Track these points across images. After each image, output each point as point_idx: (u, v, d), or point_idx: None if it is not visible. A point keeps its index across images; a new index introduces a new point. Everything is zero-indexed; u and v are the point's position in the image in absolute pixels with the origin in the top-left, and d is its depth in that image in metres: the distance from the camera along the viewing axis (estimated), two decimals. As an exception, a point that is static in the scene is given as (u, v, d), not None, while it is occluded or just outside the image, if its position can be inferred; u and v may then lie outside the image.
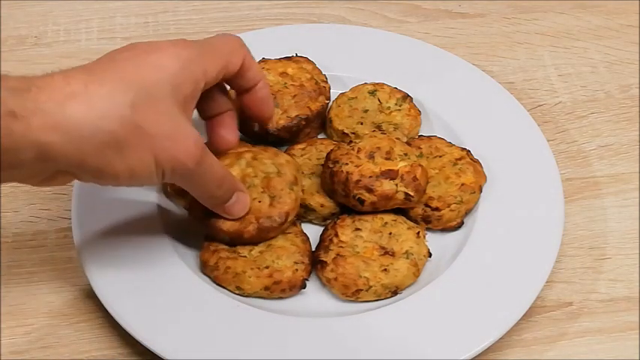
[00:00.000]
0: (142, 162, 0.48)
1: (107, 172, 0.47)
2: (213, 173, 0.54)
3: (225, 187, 0.56)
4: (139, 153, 0.47)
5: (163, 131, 0.48)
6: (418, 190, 0.64)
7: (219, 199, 0.57)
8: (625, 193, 0.71)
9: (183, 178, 0.52)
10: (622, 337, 0.62)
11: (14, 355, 0.60)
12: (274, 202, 0.60)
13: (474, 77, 0.76)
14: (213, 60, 0.53)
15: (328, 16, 0.86)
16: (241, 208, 0.58)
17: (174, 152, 0.49)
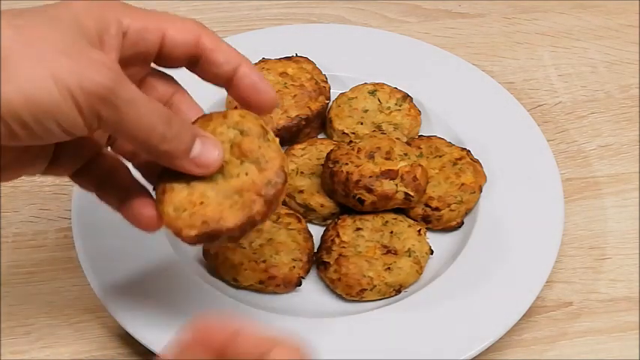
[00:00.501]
0: (35, 79, 0.38)
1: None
2: (152, 104, 0.43)
3: (177, 126, 0.44)
4: (28, 68, 0.38)
5: (60, 47, 0.40)
6: (418, 190, 0.64)
7: (176, 144, 0.44)
8: (625, 193, 0.71)
9: (109, 108, 0.40)
10: (622, 337, 0.62)
11: (14, 355, 0.60)
12: (261, 165, 0.47)
13: (473, 77, 0.76)
14: (135, 16, 0.45)
15: (328, 16, 0.86)
16: (213, 155, 0.46)
17: (78, 68, 0.39)
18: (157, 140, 0.43)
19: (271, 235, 0.63)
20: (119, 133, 0.42)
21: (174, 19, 0.47)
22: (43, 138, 0.40)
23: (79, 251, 0.61)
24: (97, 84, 0.39)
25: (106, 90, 0.40)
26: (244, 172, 0.47)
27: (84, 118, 0.40)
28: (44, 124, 0.39)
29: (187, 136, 0.45)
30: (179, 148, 0.44)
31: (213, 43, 0.47)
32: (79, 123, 0.40)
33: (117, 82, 0.40)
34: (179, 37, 0.46)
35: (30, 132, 0.39)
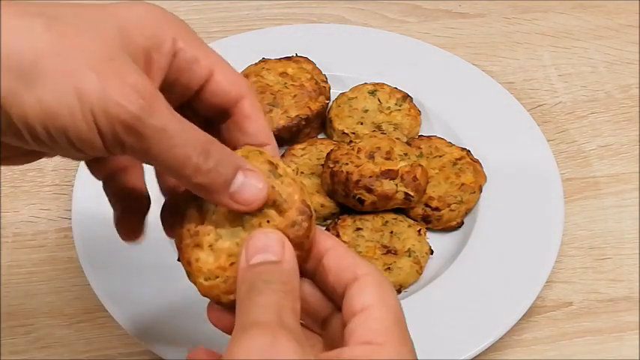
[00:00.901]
0: (56, 92, 0.35)
1: (13, 105, 0.35)
2: (186, 133, 0.38)
3: (216, 156, 0.38)
4: (52, 81, 0.35)
5: (93, 62, 0.36)
6: (418, 190, 0.64)
7: (213, 177, 0.39)
8: (625, 193, 0.71)
9: (135, 137, 0.36)
10: (622, 337, 0.62)
11: (14, 355, 0.60)
12: (280, 206, 0.41)
13: (473, 77, 0.76)
14: (191, 41, 0.41)
15: (328, 16, 0.86)
16: (254, 190, 0.40)
17: (106, 89, 0.35)
18: (190, 172, 0.38)
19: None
20: (147, 161, 0.38)
21: (225, 64, 0.42)
22: (53, 150, 0.37)
23: (79, 251, 0.61)
24: (123, 111, 0.35)
25: (133, 118, 0.36)
26: (265, 219, 0.41)
27: (105, 142, 0.36)
28: (57, 139, 0.36)
29: (228, 169, 0.39)
30: (216, 181, 0.39)
31: (252, 110, 0.43)
32: (97, 146, 0.36)
33: (147, 110, 0.36)
34: (225, 85, 0.42)
35: (39, 142, 0.36)
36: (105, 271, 0.60)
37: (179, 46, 0.40)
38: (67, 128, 0.35)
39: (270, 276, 0.37)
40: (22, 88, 0.35)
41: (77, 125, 0.35)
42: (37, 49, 0.35)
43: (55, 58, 0.35)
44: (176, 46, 0.40)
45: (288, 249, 0.39)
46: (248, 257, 0.38)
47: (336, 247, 0.41)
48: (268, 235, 0.39)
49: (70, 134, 0.35)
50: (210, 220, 0.41)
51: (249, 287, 0.37)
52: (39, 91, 0.35)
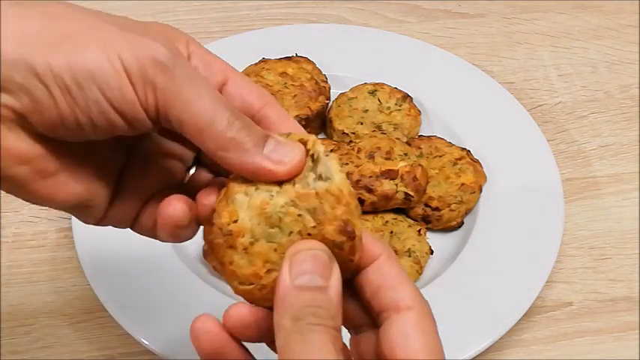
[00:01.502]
0: (81, 43, 0.35)
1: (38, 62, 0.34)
2: (215, 91, 0.37)
3: (244, 118, 0.37)
4: (76, 41, 0.35)
5: (118, 26, 0.36)
6: (418, 190, 0.64)
7: (246, 133, 0.36)
8: (625, 193, 0.71)
9: (166, 75, 0.35)
10: (622, 337, 0.62)
11: (14, 355, 0.60)
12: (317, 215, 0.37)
13: (473, 77, 0.76)
14: (203, 50, 0.41)
15: (328, 16, 0.86)
16: (291, 149, 0.37)
17: (133, 39, 0.35)
18: (224, 125, 0.36)
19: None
20: (180, 114, 0.36)
21: (240, 74, 0.41)
22: (93, 119, 0.35)
23: (79, 251, 0.61)
24: (152, 49, 0.35)
25: (163, 56, 0.35)
26: (305, 226, 0.37)
27: (136, 88, 0.35)
28: (87, 92, 0.35)
29: (260, 132, 0.37)
30: (250, 138, 0.36)
31: (280, 116, 0.40)
32: (129, 95, 0.35)
33: (176, 53, 0.36)
34: (243, 89, 0.40)
35: (76, 104, 0.35)
36: (105, 271, 0.60)
37: (192, 49, 0.40)
38: (95, 73, 0.34)
39: (319, 310, 0.35)
40: (48, 50, 0.35)
41: (104, 69, 0.35)
42: (66, 15, 0.36)
43: (82, 30, 0.36)
44: (190, 48, 0.40)
45: (335, 271, 0.36)
46: (292, 275, 0.36)
47: (383, 260, 0.38)
48: (316, 255, 0.36)
49: (100, 81, 0.35)
50: (244, 219, 0.37)
51: (296, 317, 0.35)
52: (64, 49, 0.35)
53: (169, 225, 0.39)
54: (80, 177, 0.38)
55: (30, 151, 0.36)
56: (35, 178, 0.37)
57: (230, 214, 0.37)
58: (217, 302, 0.60)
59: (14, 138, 0.35)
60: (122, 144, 0.40)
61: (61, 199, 0.38)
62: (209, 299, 0.60)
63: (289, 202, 0.37)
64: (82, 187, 0.39)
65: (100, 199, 0.40)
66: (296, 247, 0.36)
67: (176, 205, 0.39)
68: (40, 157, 0.37)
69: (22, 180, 0.37)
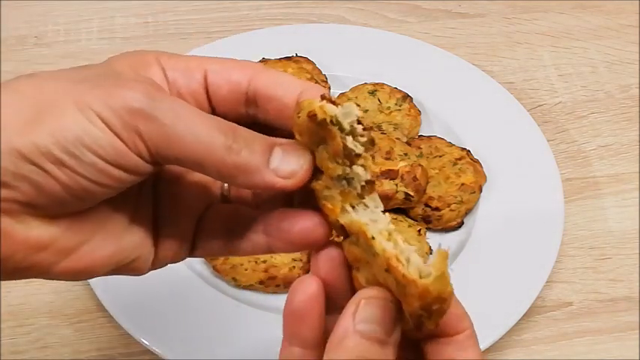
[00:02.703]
0: (56, 112, 0.33)
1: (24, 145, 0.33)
2: (204, 115, 0.35)
3: (246, 135, 0.36)
4: (48, 106, 0.34)
5: (83, 80, 0.35)
6: (418, 189, 0.64)
7: (248, 154, 0.35)
8: (625, 193, 0.71)
9: (147, 120, 0.34)
10: (622, 337, 0.62)
11: (14, 355, 0.60)
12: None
13: (473, 77, 0.76)
14: (175, 58, 0.39)
15: (328, 16, 0.86)
16: (296, 160, 0.36)
17: (103, 90, 0.34)
18: (221, 153, 0.34)
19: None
20: (174, 153, 0.34)
21: (222, 59, 0.39)
22: (95, 180, 0.34)
23: (79, 251, 0.61)
24: (126, 98, 0.34)
25: (138, 102, 0.34)
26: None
27: (123, 140, 0.34)
28: (82, 158, 0.33)
29: (261, 145, 0.36)
30: (253, 158, 0.35)
31: (270, 78, 0.39)
32: (120, 148, 0.34)
33: (150, 93, 0.34)
34: (223, 73, 0.39)
35: (75, 173, 0.34)
36: (105, 271, 0.60)
37: (164, 63, 0.38)
38: (81, 137, 0.33)
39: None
40: (28, 130, 0.33)
41: (88, 130, 0.33)
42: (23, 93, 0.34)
43: (54, 98, 0.34)
44: (161, 63, 0.38)
45: (398, 329, 0.35)
46: (356, 318, 0.34)
47: (466, 337, 0.37)
48: (386, 306, 0.35)
49: (88, 143, 0.33)
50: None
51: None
52: (41, 121, 0.33)
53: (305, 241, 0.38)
54: (109, 237, 0.37)
55: (46, 235, 0.35)
56: (59, 258, 0.35)
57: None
58: (218, 303, 0.60)
59: (24, 228, 0.34)
60: (143, 187, 0.38)
61: (97, 267, 0.36)
62: (209, 299, 0.60)
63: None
64: (114, 247, 0.37)
65: (140, 249, 0.38)
66: (367, 292, 0.35)
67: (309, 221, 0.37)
68: (58, 237, 0.35)
69: (45, 265, 0.35)
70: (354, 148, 0.35)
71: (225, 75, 0.39)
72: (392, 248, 0.34)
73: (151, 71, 0.38)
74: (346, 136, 0.35)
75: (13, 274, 0.35)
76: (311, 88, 0.38)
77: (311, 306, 0.36)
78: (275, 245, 0.38)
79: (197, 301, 0.60)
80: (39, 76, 0.35)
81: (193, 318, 0.59)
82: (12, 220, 0.34)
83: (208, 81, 0.39)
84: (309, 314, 0.36)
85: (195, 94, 0.39)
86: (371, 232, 0.34)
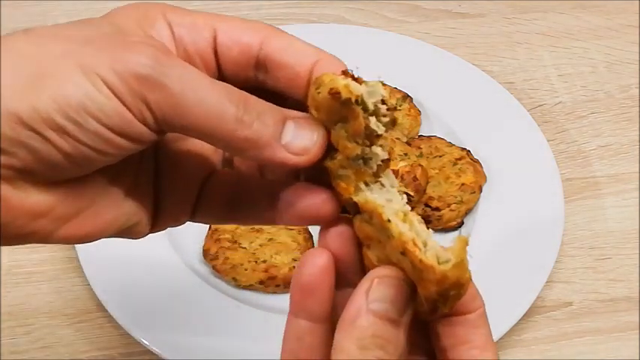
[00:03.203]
0: (58, 75, 0.32)
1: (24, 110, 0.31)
2: (216, 83, 0.34)
3: (258, 106, 0.34)
4: (50, 68, 0.32)
5: (87, 40, 0.33)
6: (418, 189, 0.64)
7: (259, 127, 0.34)
8: (625, 193, 0.71)
9: (155, 88, 0.32)
10: (622, 337, 0.62)
11: (14, 355, 0.60)
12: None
13: (473, 77, 0.76)
14: (182, 12, 0.38)
15: (328, 16, 0.86)
16: (309, 136, 0.35)
17: (108, 52, 0.32)
18: (232, 124, 0.33)
19: (271, 235, 0.63)
20: (182, 123, 0.33)
21: (234, 19, 0.38)
22: (97, 149, 0.33)
23: (79, 251, 0.61)
24: (133, 63, 0.32)
25: (146, 68, 0.32)
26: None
27: (129, 107, 0.32)
28: (85, 125, 0.32)
29: (274, 117, 0.34)
30: (265, 131, 0.33)
31: (283, 43, 0.37)
32: (125, 116, 0.32)
33: (159, 58, 0.32)
34: (234, 33, 0.37)
35: (76, 141, 0.32)
36: (105, 271, 0.60)
37: (170, 18, 0.36)
38: (85, 104, 0.31)
39: (388, 345, 0.33)
40: (29, 94, 0.32)
41: (92, 97, 0.31)
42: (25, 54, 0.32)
43: (57, 61, 0.32)
44: (167, 18, 0.36)
45: (410, 309, 0.34)
46: (370, 297, 0.34)
47: (477, 317, 0.36)
48: (400, 285, 0.34)
49: (92, 110, 0.32)
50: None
51: (363, 345, 0.33)
52: (42, 84, 0.32)
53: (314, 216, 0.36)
54: (109, 204, 0.36)
55: (44, 202, 0.33)
56: (59, 225, 0.34)
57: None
58: (218, 303, 0.60)
59: (22, 195, 0.33)
60: (144, 153, 0.37)
61: (97, 232, 0.36)
62: (209, 299, 0.60)
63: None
64: (114, 213, 0.36)
65: (141, 214, 0.37)
66: (381, 270, 0.34)
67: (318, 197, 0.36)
68: (56, 204, 0.34)
69: (45, 232, 0.34)
70: (377, 129, 0.34)
71: (236, 36, 0.37)
72: (408, 231, 0.33)
73: (157, 26, 0.36)
74: (369, 116, 0.33)
75: (15, 240, 0.34)
76: (327, 58, 0.37)
77: (321, 279, 0.35)
78: (281, 218, 0.37)
79: (197, 301, 0.60)
80: (39, 33, 0.33)
81: (193, 318, 0.59)
82: (9, 187, 0.32)
83: (217, 41, 0.37)
84: (318, 288, 0.35)
85: (202, 53, 0.37)
86: (387, 215, 0.33)
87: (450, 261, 0.32)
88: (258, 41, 0.37)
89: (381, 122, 0.34)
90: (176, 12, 0.37)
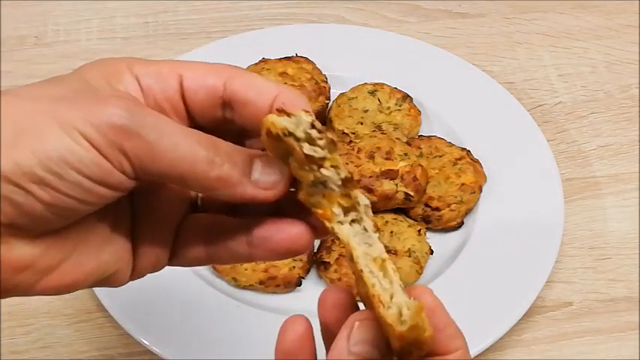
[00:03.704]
0: (37, 131, 0.33)
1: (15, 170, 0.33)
2: (186, 129, 0.36)
3: (227, 148, 0.36)
4: (28, 125, 0.33)
5: (61, 97, 0.35)
6: (418, 190, 0.64)
7: (230, 167, 0.36)
8: (625, 193, 0.71)
9: (132, 138, 0.34)
10: (622, 337, 0.62)
11: (14, 355, 0.60)
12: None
13: (473, 77, 0.76)
14: (147, 63, 0.39)
15: (328, 16, 0.86)
16: (275, 171, 0.37)
17: (84, 107, 0.34)
18: (204, 166, 0.35)
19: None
20: (158, 168, 0.34)
21: (196, 64, 0.39)
22: (78, 198, 0.34)
23: (79, 251, 0.61)
24: (108, 115, 0.33)
25: (121, 118, 0.33)
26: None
27: (107, 157, 0.34)
28: (66, 177, 0.33)
29: (242, 157, 0.36)
30: (235, 171, 0.36)
31: (246, 81, 0.38)
32: (104, 165, 0.34)
33: (132, 109, 0.34)
34: (199, 77, 0.38)
35: (58, 192, 0.33)
36: (105, 271, 0.60)
37: (136, 71, 0.38)
38: (65, 156, 0.33)
39: None
40: (9, 150, 0.33)
41: (71, 149, 0.33)
42: (11, 123, 0.33)
43: (35, 118, 0.34)
44: (134, 71, 0.38)
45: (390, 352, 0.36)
46: (351, 340, 0.35)
47: (459, 356, 0.38)
48: (379, 326, 0.35)
49: (72, 162, 0.33)
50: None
51: None
52: (22, 141, 0.33)
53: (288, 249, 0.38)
54: (89, 253, 0.37)
55: (27, 255, 0.34)
56: (41, 277, 0.35)
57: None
58: (218, 303, 0.60)
59: (6, 249, 0.34)
60: (121, 199, 0.37)
61: (78, 282, 0.37)
62: (209, 300, 0.60)
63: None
64: (95, 262, 0.37)
65: (120, 262, 0.38)
66: (362, 314, 0.36)
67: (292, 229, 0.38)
68: (40, 255, 0.35)
69: (28, 284, 0.35)
70: (314, 154, 0.35)
71: (201, 80, 0.39)
72: (377, 286, 0.34)
73: (125, 80, 0.37)
74: (303, 143, 0.35)
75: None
76: (285, 93, 0.38)
77: (301, 345, 0.38)
78: (257, 254, 0.39)
79: (197, 301, 0.60)
80: (15, 94, 0.35)
81: (193, 318, 0.59)
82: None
83: (184, 86, 0.39)
84: (299, 353, 0.38)
85: (170, 100, 0.38)
86: (361, 265, 0.35)
87: (405, 323, 0.33)
88: (222, 82, 0.38)
89: (318, 146, 0.35)
90: (141, 64, 0.38)
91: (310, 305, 0.61)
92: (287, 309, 0.61)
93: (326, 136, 0.35)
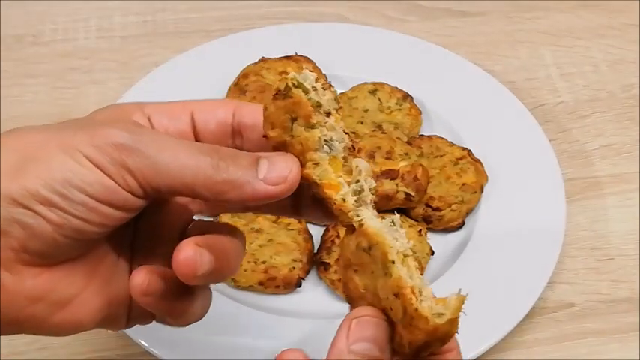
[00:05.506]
0: (42, 157, 0.35)
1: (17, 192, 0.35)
2: (185, 141, 0.37)
3: (229, 152, 0.37)
4: (35, 153, 0.35)
5: (67, 127, 0.37)
6: (419, 190, 0.64)
7: (236, 169, 0.36)
8: (627, 194, 0.71)
9: (133, 154, 0.35)
10: (624, 339, 0.62)
11: (13, 356, 0.60)
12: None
13: (475, 76, 0.75)
14: (157, 105, 0.42)
15: (328, 15, 0.86)
16: (283, 166, 0.37)
17: (87, 133, 0.36)
18: (210, 171, 0.36)
19: (271, 235, 0.62)
20: (164, 182, 0.36)
21: (205, 100, 0.42)
22: (85, 219, 0.35)
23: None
24: (109, 136, 0.35)
25: (122, 137, 0.35)
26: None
27: (111, 176, 0.35)
28: (71, 197, 0.35)
29: (246, 159, 0.37)
30: (241, 172, 0.36)
31: (252, 109, 0.41)
32: (108, 185, 0.35)
33: (132, 129, 0.36)
34: (209, 110, 0.41)
35: (65, 212, 0.35)
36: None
37: (148, 112, 0.40)
38: (70, 178, 0.35)
39: None
40: (17, 176, 0.35)
41: (75, 171, 0.35)
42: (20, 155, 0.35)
43: (40, 146, 0.36)
44: (146, 112, 0.40)
45: (390, 346, 0.36)
46: (350, 339, 0.35)
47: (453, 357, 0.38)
48: (379, 324, 0.36)
49: (77, 183, 0.35)
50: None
51: None
52: (29, 168, 0.35)
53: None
54: (100, 284, 0.38)
55: (40, 285, 0.36)
56: (54, 310, 0.37)
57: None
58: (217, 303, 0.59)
59: (18, 279, 0.35)
60: (126, 228, 0.40)
61: (89, 320, 0.38)
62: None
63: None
64: (102, 300, 0.39)
65: (122, 307, 0.40)
66: (359, 311, 0.36)
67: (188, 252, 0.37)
68: (52, 287, 0.36)
69: (42, 316, 0.37)
70: (321, 99, 0.37)
71: (212, 112, 0.41)
72: (409, 278, 0.34)
73: (136, 118, 0.39)
74: (311, 91, 0.37)
75: (14, 326, 0.37)
76: None
77: None
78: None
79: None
80: (22, 129, 0.37)
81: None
82: (7, 274, 0.35)
83: (195, 119, 0.40)
84: None
85: (182, 134, 0.40)
86: (392, 256, 0.35)
87: (444, 316, 0.34)
88: (230, 112, 0.41)
89: (323, 95, 0.37)
90: (152, 104, 0.41)
91: (310, 306, 0.61)
92: (287, 310, 0.60)
93: (330, 90, 0.37)
